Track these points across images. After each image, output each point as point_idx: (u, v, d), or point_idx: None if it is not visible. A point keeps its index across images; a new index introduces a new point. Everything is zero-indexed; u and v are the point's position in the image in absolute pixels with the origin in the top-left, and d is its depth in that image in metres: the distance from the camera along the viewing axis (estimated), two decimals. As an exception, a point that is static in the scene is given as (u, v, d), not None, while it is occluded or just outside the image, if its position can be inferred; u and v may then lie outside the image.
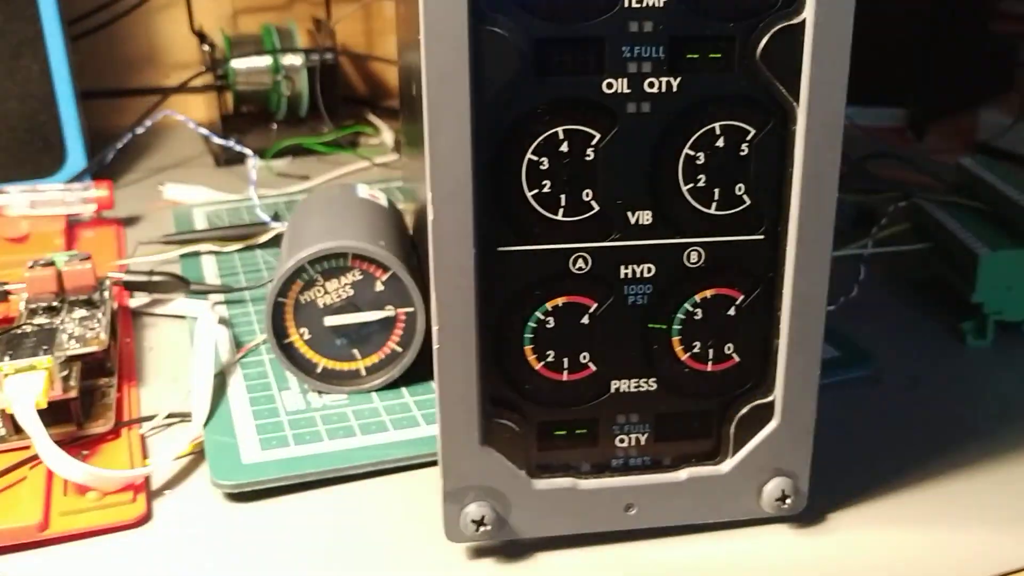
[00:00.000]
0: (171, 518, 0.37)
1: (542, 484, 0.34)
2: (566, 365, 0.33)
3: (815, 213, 0.32)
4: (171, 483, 0.39)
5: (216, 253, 0.60)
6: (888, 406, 0.44)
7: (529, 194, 0.31)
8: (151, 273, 0.53)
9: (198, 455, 0.41)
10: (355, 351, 0.44)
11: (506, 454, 0.33)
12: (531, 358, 0.33)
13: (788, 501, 0.35)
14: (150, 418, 0.43)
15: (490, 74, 0.30)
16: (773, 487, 0.35)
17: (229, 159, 0.77)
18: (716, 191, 0.32)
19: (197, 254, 0.60)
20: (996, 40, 0.88)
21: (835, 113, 0.31)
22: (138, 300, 0.54)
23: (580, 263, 0.32)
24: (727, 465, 0.35)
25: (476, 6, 0.29)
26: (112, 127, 0.78)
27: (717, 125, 0.31)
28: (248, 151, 0.70)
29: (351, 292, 0.44)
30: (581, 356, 0.33)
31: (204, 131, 0.72)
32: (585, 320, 0.33)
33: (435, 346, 0.32)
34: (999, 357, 0.48)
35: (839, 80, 0.31)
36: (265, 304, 0.43)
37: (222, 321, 0.51)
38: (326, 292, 0.44)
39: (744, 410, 0.35)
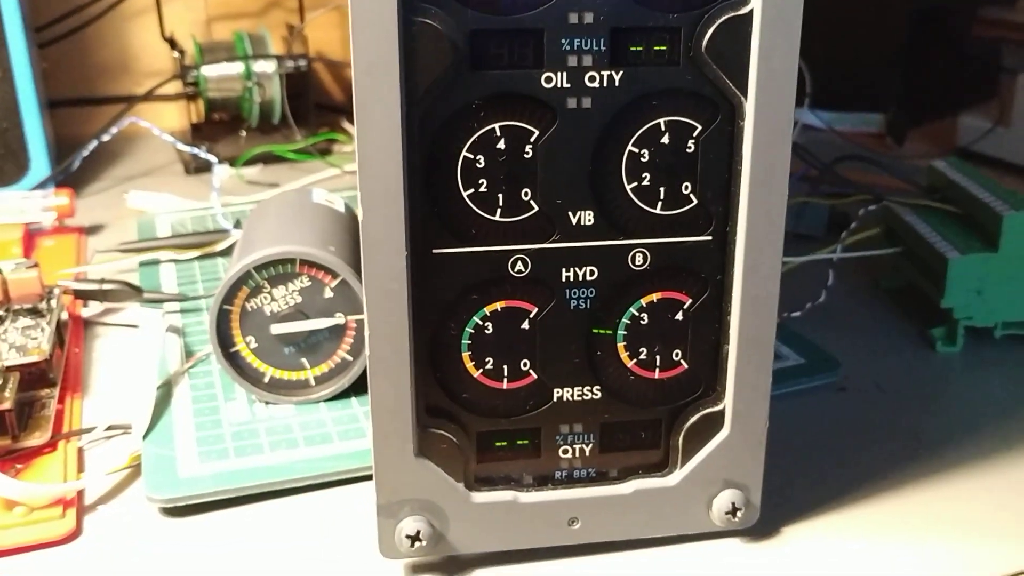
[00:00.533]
0: (102, 534, 0.36)
1: (481, 497, 0.33)
2: (506, 373, 0.32)
3: (765, 212, 0.31)
4: (106, 497, 0.38)
5: (175, 261, 0.58)
6: (853, 414, 0.43)
7: (465, 193, 0.30)
8: (102, 281, 0.52)
9: (136, 468, 0.39)
10: (304, 360, 0.43)
11: (443, 466, 0.32)
12: (469, 365, 0.32)
13: (739, 514, 0.33)
14: (90, 430, 0.41)
15: (422, 67, 0.28)
16: (723, 500, 0.33)
17: (199, 167, 0.76)
18: (661, 190, 0.31)
19: (156, 262, 0.59)
20: (978, 45, 0.87)
21: (784, 108, 0.30)
22: (92, 309, 0.53)
23: (519, 266, 0.31)
24: (675, 477, 0.33)
25: (406, -5, 0.28)
26: (82, 135, 0.77)
27: (662, 121, 0.30)
28: (213, 159, 0.69)
29: (299, 299, 0.42)
30: (522, 363, 0.32)
31: (169, 138, 0.71)
32: (525, 325, 0.32)
33: (367, 352, 0.30)
34: (969, 364, 0.47)
35: (788, 73, 0.30)
36: (209, 312, 0.42)
37: (174, 330, 0.49)
38: (273, 299, 0.42)
39: (693, 419, 0.33)
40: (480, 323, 0.31)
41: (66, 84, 0.85)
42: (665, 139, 0.30)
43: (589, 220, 0.31)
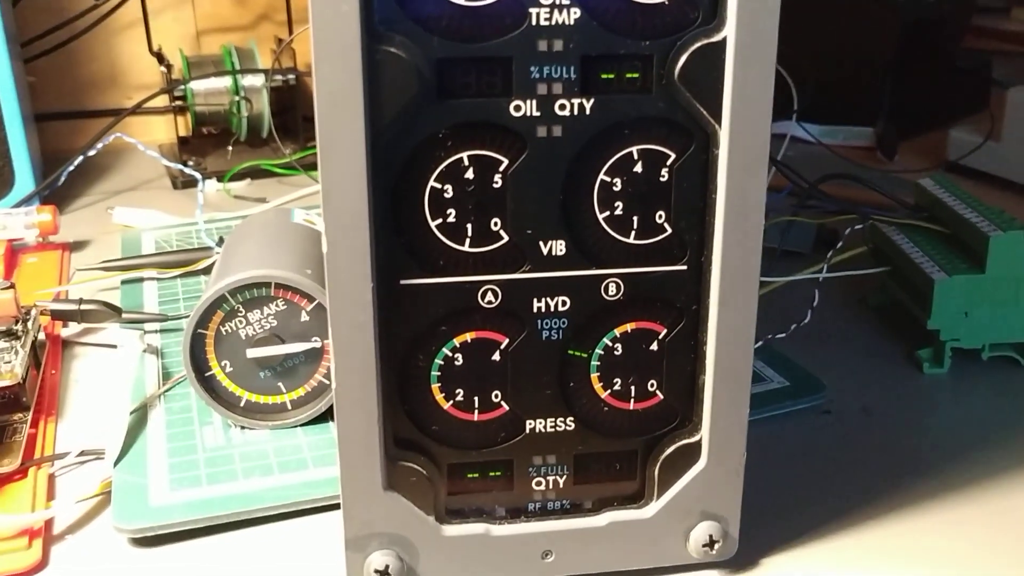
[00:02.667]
0: (69, 566, 0.35)
1: (452, 530, 0.32)
2: (477, 404, 0.31)
3: (740, 241, 0.30)
4: (75, 526, 0.37)
5: (157, 279, 0.58)
6: (838, 438, 0.42)
7: (432, 223, 0.29)
8: (81, 301, 0.51)
9: (108, 496, 0.38)
10: (280, 384, 0.42)
11: (413, 499, 0.31)
12: (439, 397, 0.31)
13: (717, 546, 0.33)
14: (62, 456, 0.41)
15: (387, 97, 0.28)
16: (701, 532, 0.33)
17: (186, 182, 0.75)
18: (635, 219, 0.30)
19: (139, 280, 0.58)
20: (969, 57, 0.87)
21: (760, 135, 0.29)
22: (71, 329, 0.53)
23: (490, 296, 0.30)
24: (651, 508, 0.33)
25: (370, 24, 0.27)
26: (70, 149, 0.76)
27: (635, 149, 0.30)
28: (197, 174, 0.68)
29: (275, 323, 0.42)
30: (493, 394, 0.31)
31: (154, 153, 0.70)
32: (496, 357, 0.31)
33: (333, 385, 0.30)
34: (956, 386, 0.46)
35: (763, 100, 0.29)
36: (183, 337, 0.41)
37: (152, 351, 0.49)
38: (248, 323, 0.42)
39: (669, 450, 0.33)
40: (450, 354, 0.31)
41: (54, 98, 0.85)
42: (638, 168, 0.30)
43: (561, 250, 0.30)
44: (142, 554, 0.36)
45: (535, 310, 0.31)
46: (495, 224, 0.30)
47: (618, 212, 0.30)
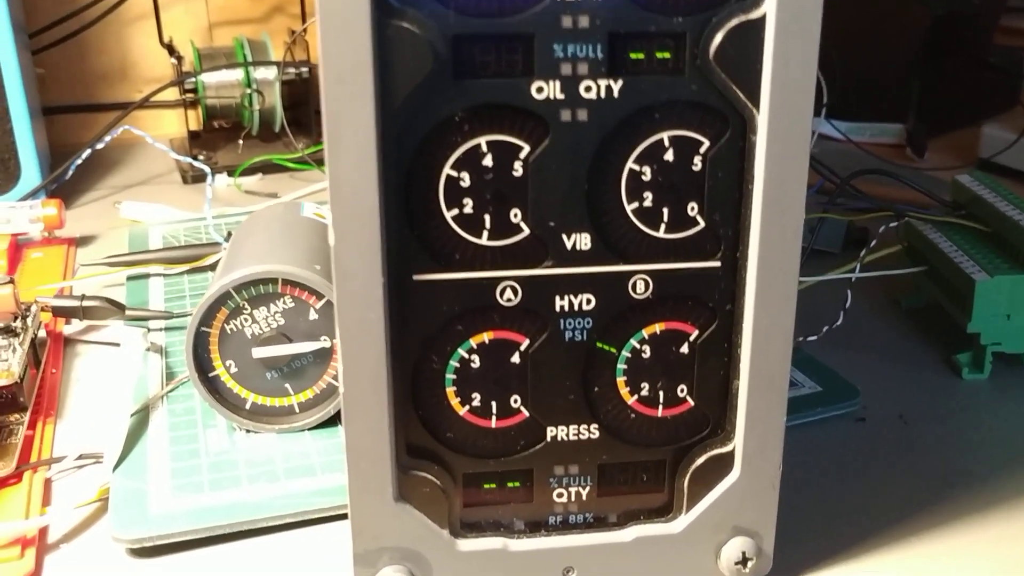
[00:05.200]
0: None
1: (468, 544, 0.30)
2: (494, 410, 0.29)
3: (779, 236, 0.28)
4: (72, 534, 0.35)
5: (163, 275, 0.56)
6: (874, 447, 0.40)
7: (448, 215, 0.27)
8: (83, 298, 0.49)
9: (107, 502, 0.36)
10: (287, 385, 0.40)
11: (426, 511, 0.29)
12: (454, 402, 0.29)
13: (750, 564, 0.31)
14: (59, 459, 0.39)
15: (399, 76, 0.26)
16: (733, 548, 0.31)
17: (196, 176, 0.74)
18: (665, 211, 0.28)
19: (145, 276, 0.56)
20: (1000, 53, 0.84)
21: (801, 121, 0.27)
22: (74, 327, 0.51)
23: (509, 294, 0.28)
24: (680, 523, 0.31)
25: (381, -2, 0.25)
26: (80, 143, 0.75)
27: (665, 136, 0.27)
28: (207, 169, 0.66)
29: (282, 321, 0.40)
30: (512, 399, 0.29)
31: (163, 147, 0.68)
32: (516, 359, 0.29)
33: (340, 388, 0.28)
34: (996, 392, 0.44)
35: (805, 83, 0.27)
36: (186, 335, 0.39)
37: (155, 350, 0.47)
38: (254, 321, 0.40)
39: (700, 461, 0.30)
40: (466, 356, 0.29)
41: (63, 91, 0.83)
42: (669, 155, 0.28)
43: (585, 244, 0.28)
44: (141, 565, 0.34)
45: (557, 308, 0.29)
46: (515, 215, 0.28)
47: (647, 204, 0.28)
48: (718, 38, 0.27)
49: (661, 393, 0.30)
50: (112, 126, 0.71)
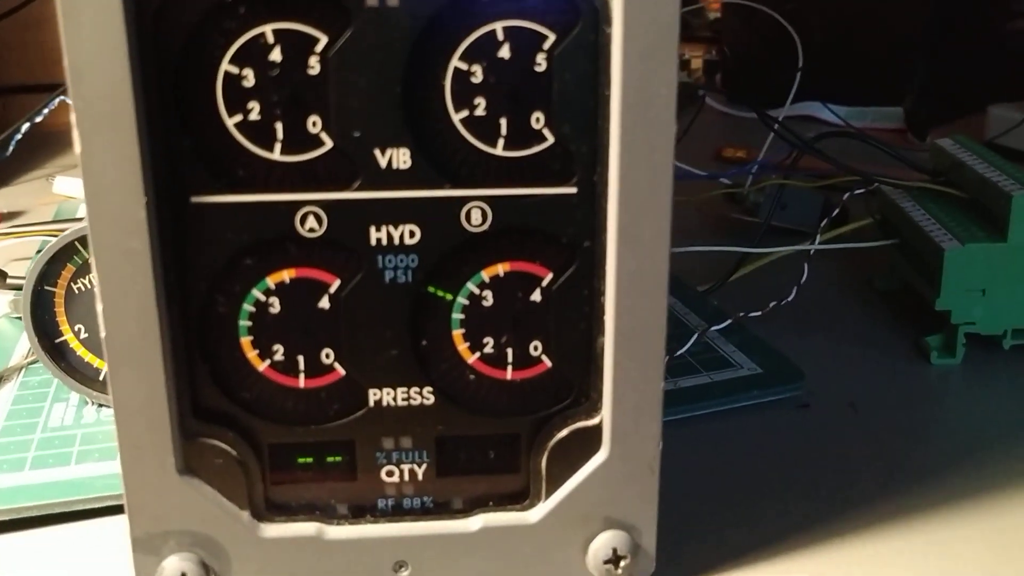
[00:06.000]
0: None
1: (274, 530, 0.25)
2: (302, 366, 0.24)
3: (645, 153, 0.23)
4: None
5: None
6: (814, 437, 0.34)
7: (229, 121, 0.22)
8: (-41, 265, 0.45)
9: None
10: (145, 356, 0.35)
11: (219, 487, 0.24)
12: (251, 355, 0.24)
13: (623, 563, 0.25)
14: None
15: (157, -56, 0.21)
16: (602, 544, 0.25)
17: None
18: (503, 122, 0.23)
19: (56, 250, 0.52)
20: (1013, 38, 0.78)
21: (665, 8, 0.22)
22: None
23: (311, 222, 0.23)
24: (538, 511, 0.25)
25: None
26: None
27: (499, 26, 0.22)
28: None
29: (136, 282, 0.35)
30: (323, 354, 0.24)
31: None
32: (325, 303, 0.24)
33: (102, 334, 0.23)
34: (968, 380, 0.37)
35: (667, -40, 0.21)
36: (22, 295, 0.34)
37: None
38: (104, 281, 0.35)
39: (560, 435, 0.25)
40: (262, 299, 0.24)
41: (21, 71, 0.80)
42: (504, 52, 0.22)
43: (404, 162, 0.23)
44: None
45: (373, 242, 0.23)
46: (314, 125, 0.22)
47: (479, 112, 0.23)
48: (563, -95, 0.21)
49: (509, 351, 0.24)
50: (46, 104, 0.67)
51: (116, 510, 0.30)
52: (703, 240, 0.45)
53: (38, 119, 0.66)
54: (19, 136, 0.66)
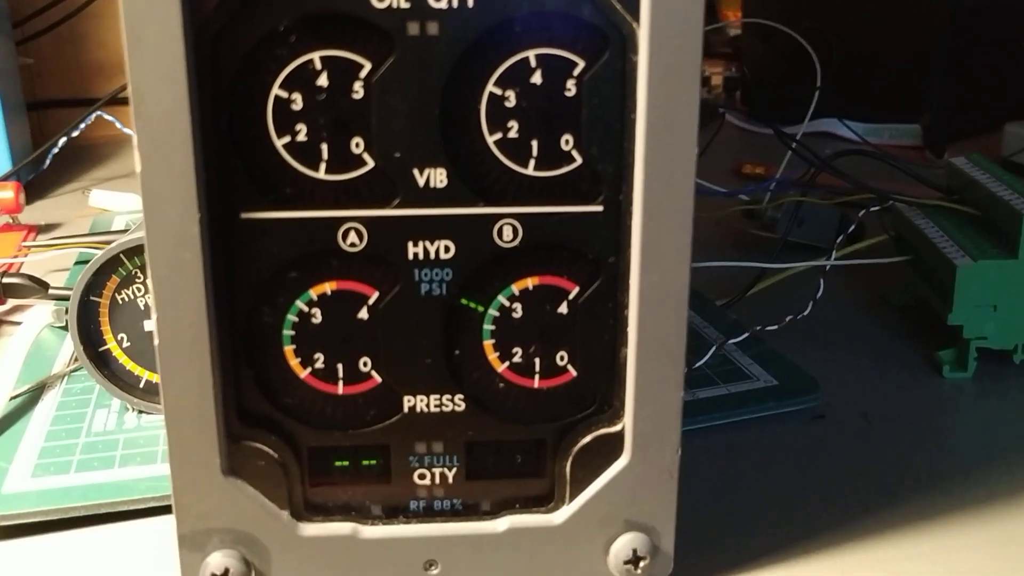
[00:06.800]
0: None
1: (312, 529, 0.26)
2: (341, 374, 0.25)
3: (667, 175, 0.24)
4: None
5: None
6: (828, 448, 0.35)
7: (278, 143, 0.24)
8: (3, 275, 0.46)
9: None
10: (183, 363, 0.37)
11: (262, 488, 0.26)
12: (293, 363, 0.25)
13: (643, 564, 0.26)
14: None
15: (214, -22, 0.22)
16: (623, 545, 0.26)
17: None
18: (534, 144, 0.24)
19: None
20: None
21: (690, 37, 0.23)
22: (5, 306, 0.48)
23: (352, 237, 0.24)
24: (562, 514, 0.26)
25: None
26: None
27: (532, 54, 0.24)
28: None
29: (176, 291, 0.36)
30: (361, 362, 0.25)
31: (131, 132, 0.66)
32: (363, 314, 0.25)
33: (155, 341, 0.24)
34: (979, 393, 0.39)
35: (692, -8, 0.23)
36: (70, 304, 0.36)
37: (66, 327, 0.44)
38: (148, 290, 0.36)
39: (584, 441, 0.26)
40: (305, 309, 0.25)
41: (59, 84, 0.82)
42: (536, 78, 0.24)
43: (441, 181, 0.24)
44: (-12, 547, 0.30)
45: (410, 256, 0.25)
46: (357, 145, 0.24)
47: (512, 134, 0.24)
48: (592, -60, 0.23)
49: (537, 360, 0.26)
50: (83, 118, 0.69)
51: (158, 511, 0.32)
52: (722, 254, 0.46)
53: (75, 133, 0.68)
54: (56, 150, 0.68)
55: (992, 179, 0.42)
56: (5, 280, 0.46)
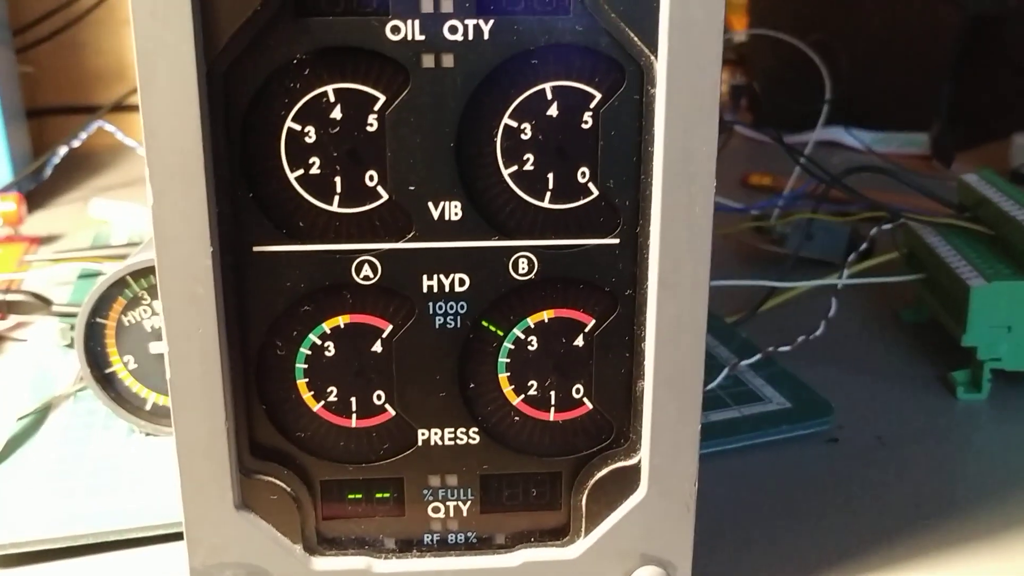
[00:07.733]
0: None
1: (324, 564, 0.26)
2: (354, 407, 0.25)
3: (684, 207, 0.24)
4: (-74, 540, 0.32)
5: (113, 273, 0.53)
6: (843, 470, 0.35)
7: (292, 176, 0.23)
8: (7, 291, 0.46)
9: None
10: (191, 385, 0.37)
11: (274, 522, 0.25)
12: (306, 396, 0.25)
13: (659, 599, 0.26)
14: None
15: (224, 10, 0.22)
16: (639, 579, 0.26)
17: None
18: (550, 177, 0.24)
19: (97, 274, 0.53)
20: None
21: (707, 70, 0.23)
22: (8, 323, 0.48)
23: (366, 270, 0.24)
24: (578, 548, 0.26)
25: (206, -83, 0.21)
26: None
27: (548, 86, 0.23)
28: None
29: (184, 313, 0.36)
30: (375, 395, 0.25)
31: (132, 143, 0.66)
32: (377, 347, 0.25)
33: (167, 375, 0.24)
34: (994, 415, 0.38)
35: (710, 24, 0.22)
36: (76, 326, 0.36)
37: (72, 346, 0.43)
38: (155, 312, 0.36)
39: (600, 474, 0.26)
40: (318, 343, 0.25)
41: (58, 92, 0.82)
42: (553, 110, 0.23)
43: (455, 213, 0.24)
44: (-10, 576, 0.30)
45: (425, 289, 0.24)
46: (371, 178, 0.23)
47: (528, 167, 0.24)
48: (609, -29, 0.22)
49: (552, 393, 0.25)
50: (85, 127, 0.69)
51: (166, 539, 0.31)
52: (732, 270, 0.46)
53: (75, 143, 0.68)
54: (56, 160, 0.68)
55: (1005, 197, 0.42)
56: (10, 297, 0.46)
